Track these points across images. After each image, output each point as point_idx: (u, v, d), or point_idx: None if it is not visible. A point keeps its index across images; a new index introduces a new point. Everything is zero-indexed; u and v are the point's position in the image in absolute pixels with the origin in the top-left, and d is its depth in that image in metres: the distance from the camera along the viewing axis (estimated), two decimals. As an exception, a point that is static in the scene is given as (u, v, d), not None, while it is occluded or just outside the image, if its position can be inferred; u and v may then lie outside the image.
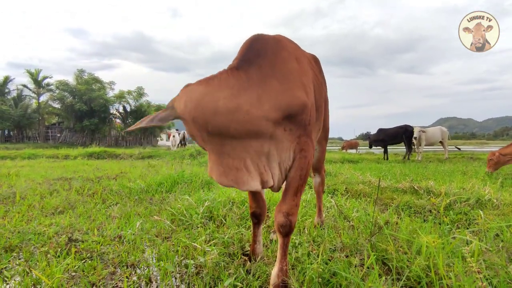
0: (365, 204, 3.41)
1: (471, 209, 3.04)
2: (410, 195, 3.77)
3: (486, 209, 3.02)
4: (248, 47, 1.51)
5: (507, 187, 4.28)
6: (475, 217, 2.84)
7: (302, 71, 1.63)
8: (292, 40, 1.82)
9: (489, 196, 3.26)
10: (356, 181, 4.53)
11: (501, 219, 2.65)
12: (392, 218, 2.67)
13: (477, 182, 3.98)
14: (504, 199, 3.23)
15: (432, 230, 2.48)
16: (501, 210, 2.99)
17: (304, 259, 1.87)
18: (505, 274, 1.70)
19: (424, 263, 1.72)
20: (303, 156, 1.55)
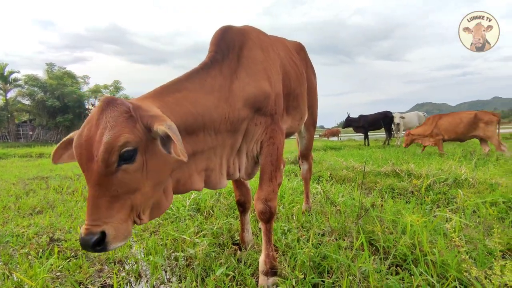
0: (350, 188, 3.49)
1: (449, 188, 3.18)
2: (392, 178, 3.89)
3: (463, 188, 3.17)
4: (218, 40, 1.53)
5: (480, 167, 4.51)
6: (454, 196, 2.98)
7: (267, 60, 1.64)
8: (259, 30, 1.82)
9: (465, 175, 3.42)
10: (340, 167, 4.62)
11: (477, 197, 2.79)
12: (377, 201, 2.76)
13: (454, 163, 4.17)
14: (479, 178, 3.40)
15: (415, 210, 2.58)
16: (476, 188, 3.15)
17: (294, 245, 1.90)
18: (483, 247, 1.80)
19: (409, 241, 1.79)
20: (271, 143, 1.59)
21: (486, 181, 3.27)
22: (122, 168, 1.02)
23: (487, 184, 3.19)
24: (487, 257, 1.77)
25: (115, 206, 1.03)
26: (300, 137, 2.66)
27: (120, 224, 1.04)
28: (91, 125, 1.01)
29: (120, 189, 1.03)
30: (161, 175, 1.17)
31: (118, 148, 0.99)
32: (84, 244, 0.99)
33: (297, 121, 2.07)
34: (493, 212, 2.37)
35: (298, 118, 2.09)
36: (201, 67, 1.43)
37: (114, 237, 1.02)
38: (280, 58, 1.82)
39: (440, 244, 1.70)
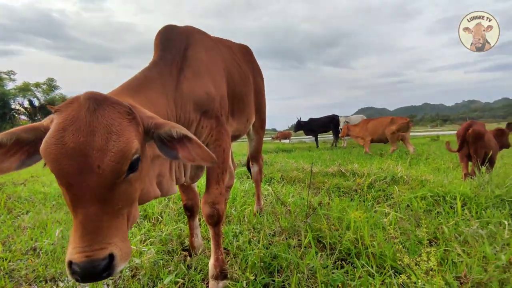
0: (300, 189, 3.63)
1: (388, 186, 3.50)
2: (338, 177, 4.15)
3: (399, 185, 3.52)
4: (164, 40, 1.49)
5: (414, 165, 5.05)
6: (391, 193, 3.28)
7: (211, 62, 1.65)
8: (202, 31, 1.82)
9: (401, 173, 3.80)
10: (291, 168, 4.79)
11: (410, 192, 3.11)
12: (325, 200, 2.91)
13: (391, 162, 4.60)
14: (412, 175, 3.80)
15: (358, 207, 2.78)
16: (410, 184, 3.52)
17: (245, 247, 1.91)
18: (415, 237, 2.02)
19: (353, 236, 1.92)
20: (217, 146, 1.60)
21: (418, 178, 3.66)
22: (128, 178, 0.90)
23: (419, 180, 3.57)
24: (418, 245, 1.98)
25: (117, 223, 0.89)
26: (249, 139, 2.70)
27: (123, 242, 0.89)
28: (80, 129, 0.83)
29: (123, 203, 0.90)
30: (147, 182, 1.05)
31: (130, 157, 0.87)
32: (87, 274, 0.81)
33: (243, 123, 2.10)
34: (422, 205, 2.66)
35: (244, 120, 2.11)
36: (152, 67, 1.37)
37: (121, 258, 0.87)
38: (224, 60, 1.83)
39: (379, 237, 1.86)
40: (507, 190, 2.72)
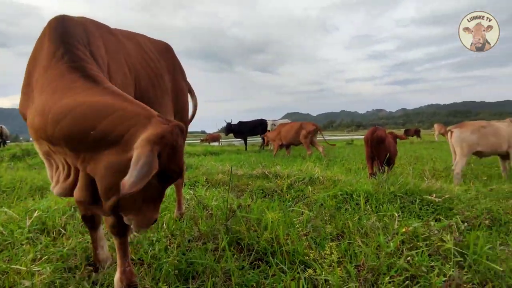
0: (224, 192, 3.65)
1: (306, 186, 3.78)
2: (262, 180, 4.31)
3: (316, 185, 3.83)
4: (61, 34, 1.35)
5: (330, 167, 5.57)
6: (309, 192, 3.56)
7: (112, 60, 1.55)
8: (101, 24, 1.70)
9: (318, 174, 4.15)
10: (216, 171, 4.78)
11: (324, 191, 3.42)
12: (246, 202, 2.98)
13: (310, 164, 5.00)
14: (327, 176, 4.19)
15: (277, 208, 2.93)
16: (325, 184, 3.87)
17: (161, 255, 1.83)
18: (324, 233, 2.22)
19: (270, 236, 2.01)
20: None
21: (332, 178, 4.05)
22: None
23: (332, 180, 3.95)
24: (326, 240, 2.19)
25: None
26: None
27: None
28: None
29: None
30: None
31: None
32: None
33: None
34: (333, 203, 2.95)
35: None
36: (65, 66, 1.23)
37: None
38: (129, 57, 1.71)
39: (292, 235, 1.99)
40: (399, 186, 3.21)
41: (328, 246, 1.55)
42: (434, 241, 2.03)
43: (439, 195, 2.97)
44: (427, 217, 2.77)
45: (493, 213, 2.62)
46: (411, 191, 3.12)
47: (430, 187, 3.20)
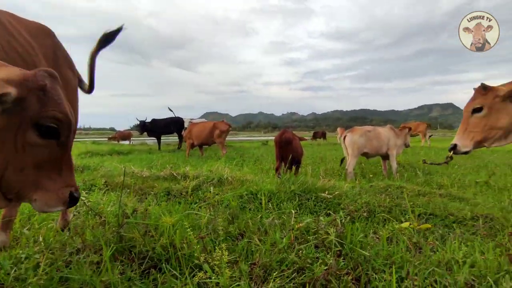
0: (125, 196, 3.37)
1: (214, 186, 3.78)
2: (170, 181, 4.14)
3: (224, 186, 3.88)
4: None
5: (242, 167, 5.73)
6: (217, 193, 3.57)
7: None
8: None
9: (227, 175, 4.21)
10: (119, 173, 4.39)
11: (232, 192, 3.48)
12: (148, 205, 2.81)
13: (221, 164, 5.04)
14: (236, 176, 4.29)
15: (182, 210, 2.85)
16: (233, 185, 3.95)
17: (28, 275, 1.56)
18: (224, 234, 2.25)
19: (166, 241, 1.93)
20: None
21: (240, 179, 4.16)
22: None
23: (240, 181, 4.06)
24: (227, 241, 2.23)
25: None
26: None
27: None
28: None
29: None
30: None
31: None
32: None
33: None
34: (237, 203, 3.03)
35: None
36: None
37: None
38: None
39: (190, 238, 1.95)
40: (298, 185, 3.50)
41: (219, 247, 1.57)
42: (321, 234, 2.27)
43: (331, 192, 3.36)
44: (320, 212, 3.10)
45: (370, 206, 3.10)
46: (308, 189, 3.44)
47: (324, 185, 3.59)
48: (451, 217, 2.80)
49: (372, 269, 1.94)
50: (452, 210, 2.90)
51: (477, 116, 2.90)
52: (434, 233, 2.56)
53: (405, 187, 3.77)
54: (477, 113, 2.90)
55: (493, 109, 2.79)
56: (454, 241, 2.29)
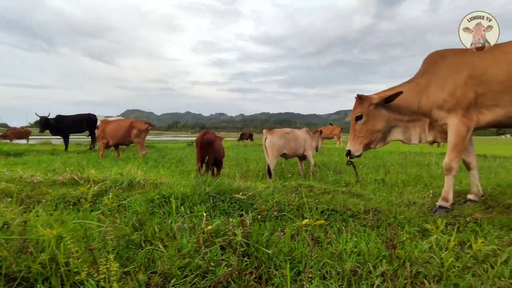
0: (6, 206, 2.86)
1: (123, 191, 3.50)
2: (69, 186, 3.68)
3: (135, 189, 3.62)
4: None
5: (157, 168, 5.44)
6: (127, 197, 3.30)
7: None
8: None
9: (139, 178, 3.94)
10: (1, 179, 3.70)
11: (142, 196, 3.26)
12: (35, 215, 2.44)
13: (133, 166, 4.70)
14: (150, 179, 4.05)
15: (78, 219, 2.54)
16: (145, 188, 3.71)
17: None
18: (125, 242, 2.09)
19: (46, 257, 1.68)
20: None
21: (154, 182, 3.94)
22: None
23: (154, 184, 3.85)
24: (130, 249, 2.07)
25: None
26: None
27: None
28: None
29: None
30: None
31: None
32: None
33: None
34: (145, 208, 2.85)
35: None
36: None
37: None
38: None
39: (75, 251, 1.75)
40: (213, 187, 3.48)
41: (104, 259, 1.44)
42: (229, 235, 2.29)
43: (245, 193, 3.43)
44: (233, 213, 3.13)
45: (280, 205, 3.27)
46: (223, 191, 3.45)
47: (240, 186, 3.65)
48: (348, 212, 3.15)
49: (274, 266, 2.04)
50: (349, 205, 3.26)
51: (359, 123, 3.36)
52: (333, 227, 2.84)
53: (314, 186, 4.10)
54: (359, 121, 3.36)
55: (370, 115, 3.28)
56: (347, 233, 2.57)
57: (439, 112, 3.18)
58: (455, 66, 3.19)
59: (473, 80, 3.06)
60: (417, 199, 3.71)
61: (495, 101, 3.04)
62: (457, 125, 3.07)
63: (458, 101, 3.05)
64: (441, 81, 3.17)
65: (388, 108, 3.32)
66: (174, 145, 22.83)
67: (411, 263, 2.07)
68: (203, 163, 6.06)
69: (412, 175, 7.13)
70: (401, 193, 4.69)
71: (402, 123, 3.39)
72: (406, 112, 3.31)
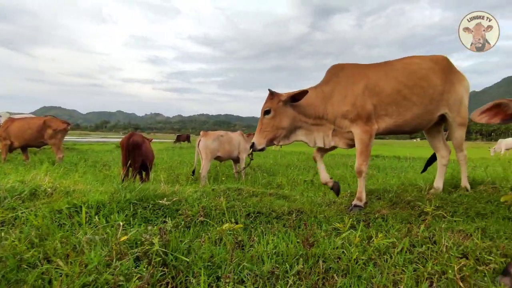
0: None
1: (22, 202, 3.05)
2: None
3: (39, 199, 3.18)
4: None
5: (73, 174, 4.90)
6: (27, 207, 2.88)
7: None
8: None
9: (46, 185, 3.48)
10: None
11: (47, 207, 2.89)
12: None
13: (40, 172, 4.15)
14: (62, 186, 3.61)
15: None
16: (53, 197, 3.30)
17: None
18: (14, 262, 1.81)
19: None
20: None
21: (66, 189, 3.53)
22: None
23: (65, 192, 3.44)
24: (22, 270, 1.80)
25: None
26: None
27: None
28: None
29: None
30: None
31: None
32: None
33: None
34: (48, 221, 2.53)
35: None
36: None
37: None
38: None
39: None
40: (135, 193, 3.26)
41: None
42: (146, 245, 2.16)
43: (169, 199, 3.29)
44: (156, 221, 2.97)
45: (207, 210, 3.21)
46: (146, 197, 3.26)
47: (165, 192, 3.49)
48: (274, 214, 3.25)
49: (192, 274, 1.99)
50: (275, 207, 3.37)
51: (267, 117, 3.53)
52: (257, 230, 2.90)
53: (242, 189, 4.14)
54: (267, 115, 3.53)
55: (278, 111, 3.48)
56: (270, 235, 2.64)
57: (343, 121, 3.51)
58: (353, 77, 3.54)
59: (368, 91, 3.45)
60: (337, 199, 4.02)
61: (385, 111, 3.49)
62: (360, 134, 3.43)
63: (359, 112, 3.41)
64: (343, 91, 3.50)
65: (295, 108, 3.52)
66: (101, 147, 20.99)
67: (324, 259, 2.22)
68: (129, 167, 5.67)
69: (337, 176, 7.74)
70: (325, 193, 5.04)
71: (306, 125, 3.62)
72: (311, 115, 3.56)
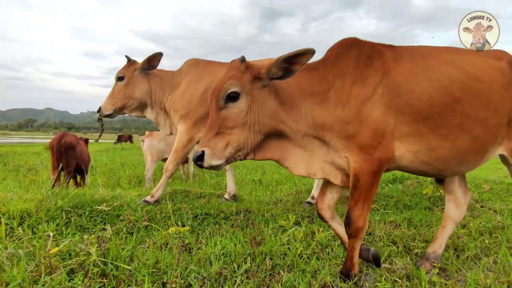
0: None
1: None
2: None
3: None
4: None
5: None
6: None
7: None
8: None
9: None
10: None
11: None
12: None
13: None
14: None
15: None
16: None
17: None
18: None
19: None
20: None
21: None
22: None
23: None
24: None
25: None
26: None
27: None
28: None
29: None
30: None
31: None
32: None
33: None
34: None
35: None
36: None
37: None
38: None
39: None
40: (68, 200, 3.01)
41: None
42: (82, 256, 2.02)
43: (109, 204, 3.10)
44: (93, 228, 2.78)
45: (151, 214, 3.10)
46: (82, 203, 3.02)
47: (104, 197, 3.28)
48: (222, 214, 3.26)
49: (136, 283, 1.91)
50: (223, 208, 3.38)
51: (119, 84, 3.51)
52: (205, 231, 2.88)
53: (190, 190, 4.08)
54: (120, 82, 3.52)
55: (132, 80, 3.49)
56: (218, 236, 2.65)
57: (174, 115, 3.54)
58: (201, 74, 3.52)
59: None
60: (283, 197, 4.18)
61: None
62: (183, 133, 3.46)
63: (190, 111, 3.44)
64: (185, 87, 3.49)
65: (150, 80, 3.52)
66: (26, 148, 18.79)
67: (271, 257, 2.30)
68: (61, 171, 5.18)
69: (285, 175, 8.03)
70: (272, 192, 5.21)
71: (156, 106, 3.63)
72: (151, 97, 3.58)
